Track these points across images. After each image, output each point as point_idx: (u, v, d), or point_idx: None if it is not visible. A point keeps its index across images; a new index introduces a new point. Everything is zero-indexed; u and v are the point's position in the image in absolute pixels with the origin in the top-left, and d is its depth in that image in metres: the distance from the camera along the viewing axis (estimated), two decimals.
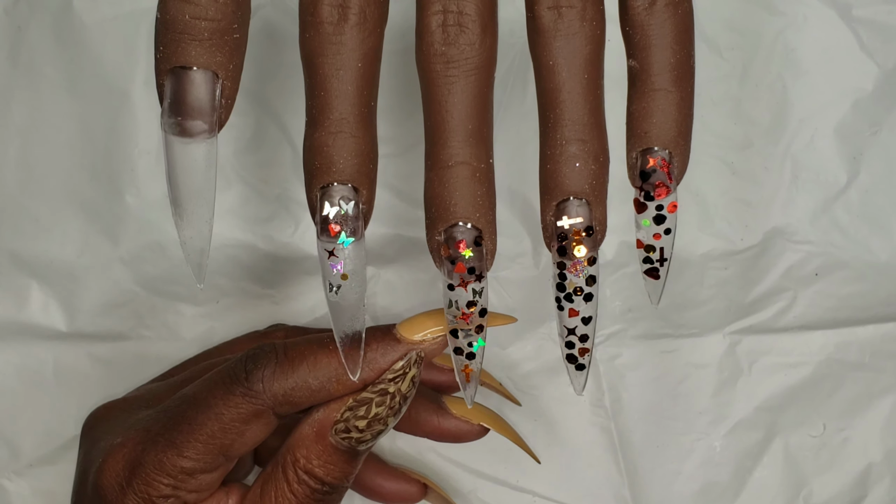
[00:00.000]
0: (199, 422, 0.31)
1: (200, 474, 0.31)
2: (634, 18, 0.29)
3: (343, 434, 0.31)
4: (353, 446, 0.31)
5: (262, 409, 0.31)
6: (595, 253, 0.29)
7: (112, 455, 0.32)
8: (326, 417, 0.31)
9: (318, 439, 0.31)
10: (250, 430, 0.31)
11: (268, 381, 0.31)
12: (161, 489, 0.31)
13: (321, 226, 0.28)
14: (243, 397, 0.31)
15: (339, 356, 0.30)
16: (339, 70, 0.27)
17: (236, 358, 0.32)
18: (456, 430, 0.38)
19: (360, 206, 0.28)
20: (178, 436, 0.31)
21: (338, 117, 0.27)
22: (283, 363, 0.31)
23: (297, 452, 0.31)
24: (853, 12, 0.43)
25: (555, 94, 0.28)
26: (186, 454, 0.31)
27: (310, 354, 0.31)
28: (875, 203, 0.44)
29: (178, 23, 0.26)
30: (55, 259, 0.43)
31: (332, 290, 0.28)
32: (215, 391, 0.31)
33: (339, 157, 0.27)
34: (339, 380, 0.31)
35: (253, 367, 0.31)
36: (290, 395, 0.31)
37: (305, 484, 0.31)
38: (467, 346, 0.30)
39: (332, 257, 0.28)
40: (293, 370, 0.31)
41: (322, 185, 0.28)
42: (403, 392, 0.31)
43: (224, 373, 0.32)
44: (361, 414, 0.31)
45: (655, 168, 0.29)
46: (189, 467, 0.31)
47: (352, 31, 0.27)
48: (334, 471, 0.31)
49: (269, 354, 0.31)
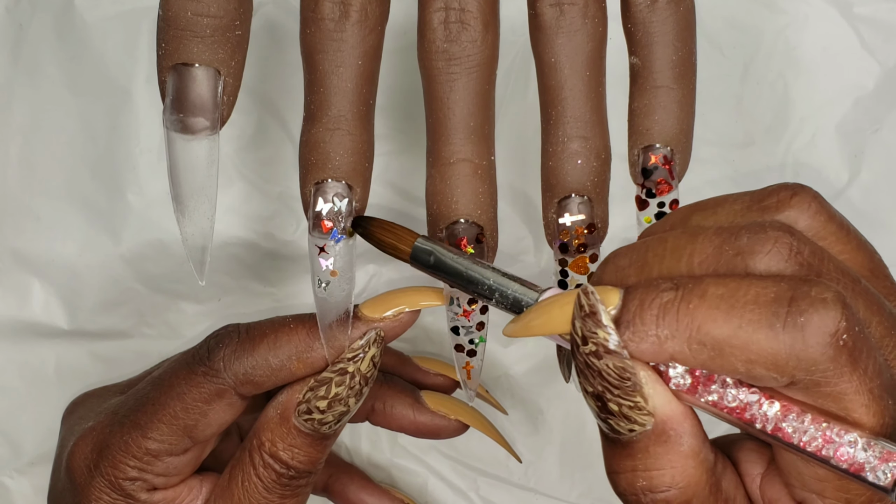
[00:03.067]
0: (161, 402, 0.31)
1: (167, 456, 0.31)
2: (636, 16, 0.29)
3: (305, 416, 0.31)
4: (316, 428, 0.31)
5: (224, 388, 0.31)
6: (597, 250, 0.29)
7: (82, 438, 0.32)
8: (289, 399, 0.31)
9: (282, 421, 0.31)
10: (213, 410, 0.31)
11: (228, 360, 0.31)
12: (127, 471, 0.31)
13: (313, 221, 0.28)
14: (204, 376, 0.31)
15: (300, 335, 0.31)
16: (339, 67, 0.27)
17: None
18: (432, 424, 0.37)
19: (354, 203, 0.28)
20: (142, 417, 0.31)
21: (336, 114, 0.28)
22: (244, 342, 0.31)
23: (262, 436, 0.31)
24: (854, 10, 0.43)
25: (556, 91, 0.28)
26: (150, 435, 0.31)
27: (270, 333, 0.31)
28: (876, 201, 0.44)
29: (180, 20, 0.26)
30: (56, 257, 0.43)
31: (320, 286, 0.29)
32: (178, 372, 0.31)
33: (335, 154, 0.28)
34: (299, 358, 0.31)
35: (215, 347, 0.31)
36: (251, 374, 0.31)
37: (271, 468, 0.31)
38: (468, 344, 0.30)
39: (322, 253, 0.28)
40: (254, 349, 0.31)
41: (316, 181, 0.28)
42: (363, 372, 0.30)
43: (188, 354, 0.32)
44: (322, 394, 0.30)
45: (657, 165, 0.29)
46: (154, 448, 0.31)
47: (353, 28, 0.27)
48: (299, 455, 0.31)
49: (231, 334, 0.31)
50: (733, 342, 0.22)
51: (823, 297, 0.21)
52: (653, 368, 0.23)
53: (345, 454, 0.45)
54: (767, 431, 0.23)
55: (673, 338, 0.22)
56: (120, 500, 0.31)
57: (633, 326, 0.23)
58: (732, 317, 0.22)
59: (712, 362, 0.22)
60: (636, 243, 0.25)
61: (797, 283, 0.22)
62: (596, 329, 0.23)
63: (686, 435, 0.24)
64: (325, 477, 0.41)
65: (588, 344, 0.23)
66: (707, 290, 0.22)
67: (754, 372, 0.22)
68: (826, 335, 0.21)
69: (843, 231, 0.25)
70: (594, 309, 0.23)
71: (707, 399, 0.23)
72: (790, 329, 0.21)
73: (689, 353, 0.22)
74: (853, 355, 0.22)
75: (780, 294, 0.22)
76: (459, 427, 0.38)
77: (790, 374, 0.22)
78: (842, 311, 0.21)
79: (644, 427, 0.23)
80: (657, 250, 0.24)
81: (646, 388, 0.23)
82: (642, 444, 0.24)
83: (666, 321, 0.22)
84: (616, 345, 0.23)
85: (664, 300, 0.23)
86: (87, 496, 0.32)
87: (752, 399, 0.23)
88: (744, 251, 0.23)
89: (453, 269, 0.27)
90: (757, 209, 0.25)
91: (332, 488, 0.41)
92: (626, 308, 0.23)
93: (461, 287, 0.27)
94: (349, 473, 0.41)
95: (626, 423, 0.23)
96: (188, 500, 0.33)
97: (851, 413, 0.22)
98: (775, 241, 0.23)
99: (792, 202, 0.24)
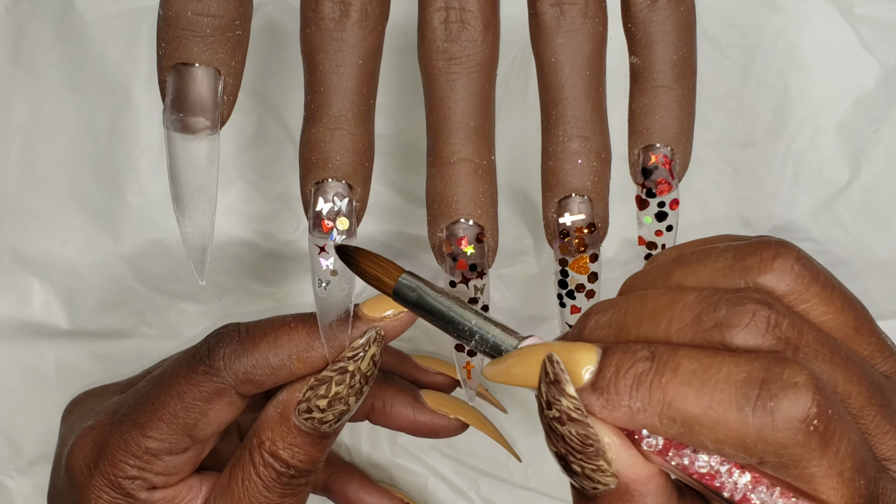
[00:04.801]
0: (161, 401, 0.31)
1: (166, 455, 0.31)
2: (636, 15, 0.29)
3: (306, 414, 0.31)
4: (316, 427, 0.31)
5: (224, 387, 0.31)
6: (597, 249, 0.29)
7: (82, 437, 0.32)
8: (289, 398, 0.31)
9: (282, 421, 0.31)
10: (213, 409, 0.31)
11: (228, 359, 0.31)
12: (127, 470, 0.31)
13: (314, 221, 0.28)
14: (204, 375, 0.31)
15: (300, 334, 0.31)
16: (340, 67, 0.27)
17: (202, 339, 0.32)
18: (432, 423, 0.38)
19: (354, 203, 0.28)
20: (142, 416, 0.31)
21: (336, 114, 0.28)
22: (245, 341, 0.31)
23: (262, 435, 0.31)
24: (854, 10, 0.43)
25: (557, 90, 0.28)
26: (150, 434, 0.31)
27: (270, 332, 0.31)
28: (877, 201, 0.44)
29: (180, 19, 0.26)
30: (57, 257, 0.43)
31: (320, 286, 0.29)
32: (179, 371, 0.31)
33: (335, 154, 0.28)
34: (299, 357, 0.31)
35: (215, 346, 0.31)
36: (251, 373, 0.31)
37: (271, 467, 0.31)
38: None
39: (323, 253, 0.28)
40: (254, 348, 0.31)
41: (317, 181, 0.28)
42: (364, 371, 0.30)
43: (188, 352, 0.32)
44: (322, 393, 0.30)
45: (657, 165, 0.29)
46: (154, 447, 0.31)
47: (353, 27, 0.27)
48: (299, 454, 0.31)
49: (231, 333, 0.31)
50: (703, 421, 0.22)
51: (795, 381, 0.21)
52: (621, 429, 0.24)
53: (345, 454, 0.45)
54: (735, 501, 0.23)
55: (644, 411, 0.23)
56: (119, 499, 0.31)
57: (606, 394, 0.23)
58: (703, 395, 0.22)
59: (682, 437, 0.22)
60: (617, 299, 0.25)
61: (770, 364, 0.22)
62: (560, 397, 0.23)
63: (651, 495, 0.24)
64: (324, 476, 0.41)
65: (552, 409, 0.23)
66: (681, 363, 0.22)
67: (723, 450, 0.22)
68: (795, 421, 0.21)
69: (827, 291, 0.25)
70: (558, 378, 0.23)
71: (678, 462, 0.23)
72: (759, 413, 0.21)
73: (659, 426, 0.23)
74: (824, 439, 0.21)
75: (752, 375, 0.22)
76: (459, 426, 0.38)
77: (758, 456, 0.22)
78: (813, 396, 0.21)
79: (608, 486, 0.24)
80: (637, 312, 0.24)
81: (609, 454, 0.23)
82: (605, 501, 0.24)
83: (639, 393, 0.23)
84: (580, 415, 0.23)
85: (639, 371, 0.23)
86: (86, 495, 0.32)
87: (722, 468, 0.23)
88: (721, 323, 0.23)
89: (436, 309, 0.27)
90: (739, 269, 0.25)
91: (332, 487, 0.41)
92: (602, 374, 0.23)
93: (442, 327, 0.27)
94: (349, 473, 0.42)
95: (589, 482, 0.24)
96: (188, 499, 0.33)
97: (820, 494, 0.22)
98: (753, 314, 0.23)
99: (774, 264, 0.24)
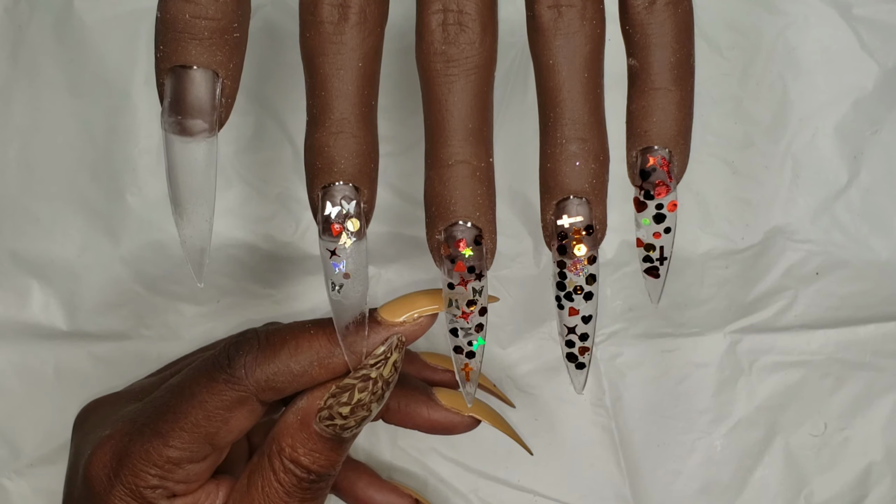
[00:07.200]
0: (183, 410, 0.31)
1: (187, 464, 0.31)
2: (634, 17, 0.29)
3: (327, 421, 0.31)
4: (337, 433, 0.31)
5: (246, 395, 0.31)
6: (595, 252, 0.29)
7: (100, 447, 0.32)
8: (310, 405, 0.31)
9: (302, 427, 0.31)
10: (235, 417, 0.31)
11: (250, 367, 0.31)
12: (148, 479, 0.31)
13: (323, 225, 0.28)
14: (226, 384, 0.31)
15: (320, 340, 0.31)
16: (340, 70, 0.27)
17: (220, 346, 0.32)
18: (446, 421, 0.38)
19: (362, 205, 0.28)
20: (163, 425, 0.31)
21: (339, 117, 0.27)
22: (265, 349, 0.31)
23: (282, 441, 0.31)
24: (853, 11, 0.43)
25: (555, 93, 0.28)
26: (172, 443, 0.31)
27: (291, 339, 0.31)
28: (876, 202, 0.44)
29: (178, 22, 0.26)
30: (56, 258, 0.43)
31: (334, 289, 0.29)
32: (199, 379, 0.31)
33: (340, 157, 0.28)
34: (321, 364, 0.31)
35: (235, 354, 0.31)
36: (273, 380, 0.31)
37: (291, 473, 0.31)
38: (467, 345, 0.30)
39: (334, 256, 0.28)
40: (275, 355, 0.31)
41: (324, 185, 0.28)
42: (386, 377, 0.31)
43: (207, 361, 0.32)
44: (344, 400, 0.31)
45: (655, 167, 0.29)
46: (175, 457, 0.31)
47: (352, 30, 0.27)
48: (320, 459, 0.31)
49: (251, 341, 0.32)
50: None
51: None
52: None
53: None
54: None
55: None
56: None
57: None
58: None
59: None
60: None
61: None
62: None
63: None
64: None
65: None
66: None
67: None
68: None
69: None
70: None
71: None
72: None
73: None
74: None
75: None
76: (472, 422, 0.38)
77: None
78: None
79: None
80: None
81: None
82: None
83: None
84: None
85: None
86: None
87: None
88: None
89: None
90: None
91: (341, 485, 0.41)
92: None
93: None
94: (357, 471, 0.42)
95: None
96: None
97: None
98: None
99: None
